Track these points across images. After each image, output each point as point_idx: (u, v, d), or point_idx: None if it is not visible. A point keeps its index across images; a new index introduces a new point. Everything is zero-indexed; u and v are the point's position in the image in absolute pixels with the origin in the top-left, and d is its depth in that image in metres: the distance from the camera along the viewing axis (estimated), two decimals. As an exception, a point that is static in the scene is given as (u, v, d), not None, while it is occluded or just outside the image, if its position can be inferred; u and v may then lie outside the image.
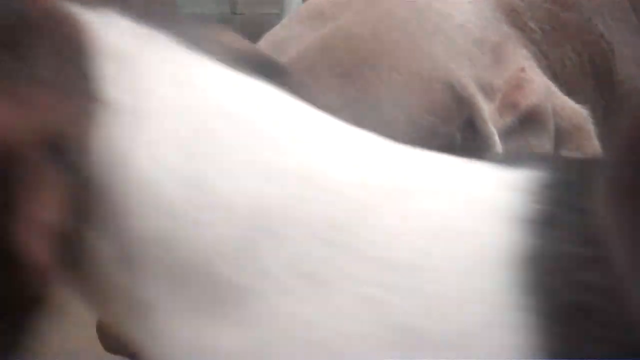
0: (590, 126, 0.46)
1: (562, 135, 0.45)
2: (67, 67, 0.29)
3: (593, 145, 0.45)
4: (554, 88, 0.46)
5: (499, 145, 0.43)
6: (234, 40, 0.34)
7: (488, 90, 0.45)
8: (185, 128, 0.29)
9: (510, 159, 0.35)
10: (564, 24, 0.50)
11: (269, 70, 0.33)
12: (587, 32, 0.51)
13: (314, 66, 0.45)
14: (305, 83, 0.44)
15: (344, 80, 0.44)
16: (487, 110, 0.44)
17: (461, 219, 0.29)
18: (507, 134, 0.44)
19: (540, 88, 0.45)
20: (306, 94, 0.33)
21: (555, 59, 0.49)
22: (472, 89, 0.44)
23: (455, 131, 0.44)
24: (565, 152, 0.45)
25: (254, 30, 0.52)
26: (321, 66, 0.45)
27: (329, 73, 0.44)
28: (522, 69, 0.45)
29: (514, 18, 0.48)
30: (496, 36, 0.46)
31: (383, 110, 0.44)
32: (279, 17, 1.43)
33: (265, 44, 0.49)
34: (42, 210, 0.27)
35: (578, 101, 0.47)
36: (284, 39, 0.48)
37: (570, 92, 0.48)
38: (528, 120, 0.44)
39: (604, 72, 0.53)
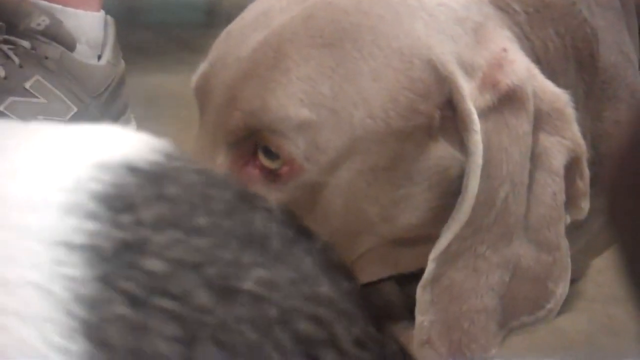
0: (570, 110, 0.46)
1: (541, 117, 0.45)
2: None
3: (572, 129, 0.45)
4: (535, 70, 0.46)
5: (477, 124, 0.43)
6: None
7: (469, 69, 0.44)
8: None
9: None
10: (547, 6, 0.50)
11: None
12: (571, 16, 0.51)
13: (295, 36, 0.44)
14: (287, 53, 0.43)
15: (324, 51, 0.43)
16: (467, 89, 0.43)
17: None
18: (486, 113, 0.43)
19: (522, 69, 0.44)
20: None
21: (538, 41, 0.49)
22: (452, 67, 0.44)
23: (435, 109, 0.44)
24: (543, 135, 0.45)
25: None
26: (303, 36, 0.44)
27: (309, 43, 0.44)
28: (504, 49, 0.45)
29: None
30: (479, 16, 0.46)
31: (362, 84, 0.43)
32: None
33: (249, 15, 0.48)
34: None
35: (560, 85, 0.47)
36: (269, 9, 0.47)
37: (552, 75, 0.47)
38: (508, 100, 0.44)
39: (587, 57, 0.53)
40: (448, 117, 0.44)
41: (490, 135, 0.43)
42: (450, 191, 0.45)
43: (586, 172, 0.46)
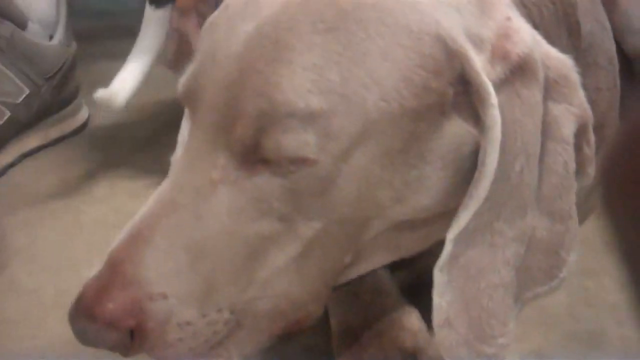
0: (575, 76, 0.45)
1: (549, 85, 0.44)
2: None
3: (579, 96, 0.45)
4: (538, 37, 0.45)
5: (494, 98, 0.41)
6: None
7: (477, 42, 0.43)
8: None
9: None
10: None
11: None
12: None
13: (295, 24, 0.41)
14: (287, 44, 0.41)
15: (328, 36, 0.41)
16: (479, 62, 0.42)
17: None
18: (498, 85, 0.42)
19: (528, 37, 0.43)
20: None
21: (534, 8, 0.49)
22: (462, 41, 0.42)
23: (448, 85, 0.42)
24: (551, 103, 0.44)
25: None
26: (302, 23, 0.41)
27: (311, 29, 0.41)
28: (508, 18, 0.44)
29: None
30: None
31: (372, 66, 0.41)
32: None
33: (234, 4, 0.45)
34: None
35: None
36: None
37: (548, 41, 0.47)
38: (519, 70, 0.43)
39: (574, 23, 0.53)
40: (460, 93, 0.43)
41: (504, 108, 0.42)
42: (463, 169, 0.44)
43: (592, 138, 0.46)
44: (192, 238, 0.42)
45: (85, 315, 0.42)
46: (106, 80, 0.85)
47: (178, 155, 0.47)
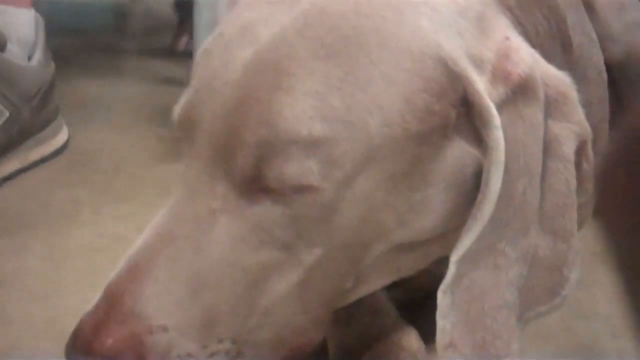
0: (574, 93, 0.45)
1: (549, 104, 0.44)
2: None
3: (578, 113, 0.45)
4: (537, 55, 0.45)
5: (497, 120, 0.41)
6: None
7: (478, 63, 0.43)
8: None
9: None
10: None
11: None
12: None
13: (295, 50, 0.41)
14: (288, 70, 0.40)
15: (329, 62, 0.40)
16: (481, 84, 0.42)
17: None
18: (500, 106, 0.42)
19: (528, 56, 0.43)
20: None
21: (530, 26, 0.49)
22: (463, 63, 0.42)
23: (450, 108, 0.42)
24: (552, 122, 0.44)
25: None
26: (303, 49, 0.41)
27: (312, 55, 0.41)
28: (507, 38, 0.44)
29: None
30: (478, 5, 0.44)
31: (374, 91, 0.41)
32: None
33: (230, 28, 0.44)
34: None
35: None
36: (252, 22, 0.43)
37: (545, 58, 0.47)
38: (520, 91, 0.42)
39: (566, 39, 0.53)
40: (462, 114, 0.43)
41: (506, 128, 0.42)
42: (464, 190, 0.44)
43: (591, 154, 0.46)
44: (192, 269, 0.42)
45: (83, 350, 0.41)
46: (85, 99, 0.84)
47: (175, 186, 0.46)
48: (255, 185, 0.42)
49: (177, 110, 0.45)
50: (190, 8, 1.41)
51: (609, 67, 0.69)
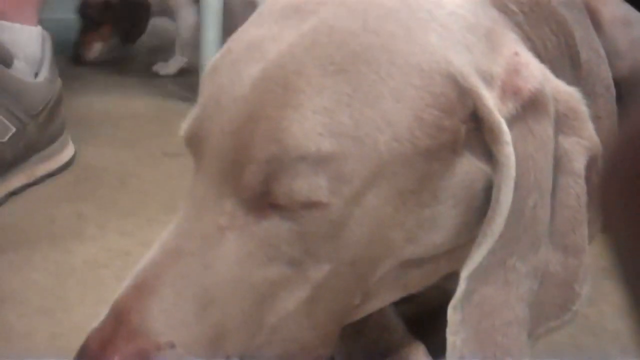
0: (584, 108, 0.45)
1: (559, 119, 0.44)
2: None
3: (588, 128, 0.45)
4: (546, 70, 0.45)
5: (508, 135, 0.41)
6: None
7: (488, 79, 0.42)
8: None
9: None
10: (538, 4, 0.49)
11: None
12: (555, 14, 0.51)
13: (303, 67, 0.41)
14: (296, 87, 0.40)
15: (338, 79, 0.40)
16: (491, 100, 0.42)
17: None
18: (510, 122, 0.42)
19: (537, 71, 0.43)
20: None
21: (539, 41, 0.48)
22: (473, 79, 0.42)
23: (460, 124, 0.42)
24: (562, 137, 0.44)
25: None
26: (311, 66, 0.40)
27: (320, 72, 0.40)
28: (517, 53, 0.44)
29: (496, 0, 0.47)
30: (487, 21, 0.44)
31: (384, 107, 0.40)
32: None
33: (236, 47, 0.44)
34: None
35: None
36: (259, 39, 0.43)
37: (554, 74, 0.47)
38: (531, 106, 0.42)
39: (574, 54, 0.53)
40: (472, 130, 0.42)
41: (516, 144, 0.42)
42: (474, 206, 0.44)
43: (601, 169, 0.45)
44: (200, 285, 0.41)
45: None
46: (91, 115, 0.84)
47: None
48: (263, 201, 0.41)
49: (184, 126, 0.45)
50: (104, 11, 1.40)
51: (615, 83, 0.69)
